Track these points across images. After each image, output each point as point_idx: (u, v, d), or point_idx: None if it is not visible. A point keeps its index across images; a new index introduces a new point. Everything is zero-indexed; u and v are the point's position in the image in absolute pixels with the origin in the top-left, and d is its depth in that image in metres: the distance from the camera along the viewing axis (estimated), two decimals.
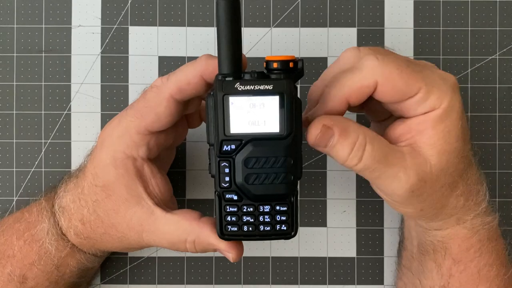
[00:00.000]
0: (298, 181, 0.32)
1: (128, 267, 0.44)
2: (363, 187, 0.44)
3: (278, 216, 0.32)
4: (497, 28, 0.45)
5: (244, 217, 0.32)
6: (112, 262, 0.44)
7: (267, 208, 0.32)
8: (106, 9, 0.44)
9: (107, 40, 0.44)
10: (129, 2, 0.45)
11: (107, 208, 0.35)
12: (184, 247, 0.35)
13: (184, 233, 0.34)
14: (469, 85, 0.45)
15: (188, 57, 0.44)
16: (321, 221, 0.44)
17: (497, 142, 0.45)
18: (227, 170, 0.31)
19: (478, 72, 0.45)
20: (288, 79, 0.31)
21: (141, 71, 0.44)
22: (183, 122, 0.38)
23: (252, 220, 0.32)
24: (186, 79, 0.33)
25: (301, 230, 0.44)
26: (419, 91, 0.32)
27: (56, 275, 0.38)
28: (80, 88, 0.44)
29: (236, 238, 0.33)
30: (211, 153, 0.32)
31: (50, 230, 0.37)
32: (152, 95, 0.34)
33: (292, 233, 0.33)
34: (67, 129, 0.44)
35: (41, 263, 0.37)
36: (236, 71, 0.31)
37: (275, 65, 0.31)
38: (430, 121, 0.33)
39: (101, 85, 0.44)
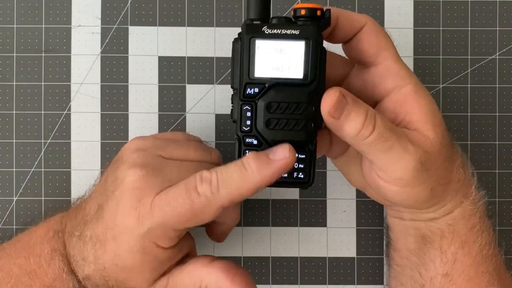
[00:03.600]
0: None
1: None
2: None
3: (296, 163, 0.32)
4: (497, 28, 0.45)
5: None
6: None
7: None
8: (106, 9, 0.44)
9: (107, 40, 0.44)
10: (129, 2, 0.45)
11: (130, 285, 0.34)
12: None
13: (197, 280, 0.34)
14: (469, 85, 0.45)
15: (188, 57, 0.44)
16: (321, 221, 0.44)
17: (497, 142, 0.45)
18: (248, 114, 0.32)
19: (478, 72, 0.45)
20: (315, 26, 0.31)
21: (141, 71, 0.44)
22: None
23: None
24: (239, 193, 0.32)
25: (301, 230, 0.44)
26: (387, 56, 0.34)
27: None
28: (80, 88, 0.44)
29: None
30: (234, 97, 0.33)
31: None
32: (201, 205, 0.32)
33: (310, 182, 0.33)
34: (67, 129, 0.44)
35: None
36: (264, 16, 0.31)
37: (302, 12, 0.31)
38: (410, 96, 0.34)
39: (101, 85, 0.44)
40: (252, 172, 0.31)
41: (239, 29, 0.33)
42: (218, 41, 0.44)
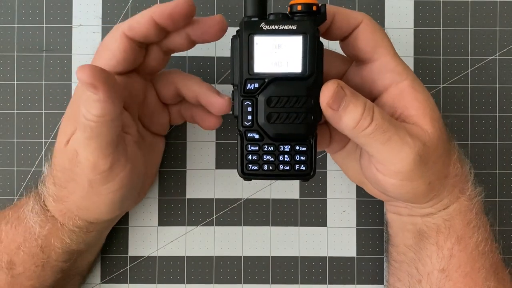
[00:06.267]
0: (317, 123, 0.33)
1: (128, 266, 0.44)
2: None
3: (298, 156, 0.33)
4: (497, 28, 0.45)
5: (264, 156, 0.33)
6: (112, 261, 0.44)
7: (287, 148, 0.33)
8: (107, 8, 0.45)
9: None
10: (130, 1, 0.45)
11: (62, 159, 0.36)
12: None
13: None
14: (469, 85, 0.45)
15: (188, 57, 0.44)
16: (321, 221, 0.44)
17: (497, 142, 0.45)
18: (249, 109, 0.33)
19: (478, 72, 0.45)
20: (311, 21, 0.32)
21: None
22: (163, 113, 0.40)
23: (272, 159, 0.33)
24: (137, 19, 0.34)
25: (301, 230, 0.44)
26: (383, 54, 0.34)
27: (42, 257, 0.37)
28: None
29: (256, 177, 0.34)
30: (235, 93, 0.33)
31: (34, 207, 0.37)
32: (107, 36, 0.35)
33: (311, 173, 0.34)
34: None
35: (26, 245, 0.37)
36: (262, 13, 0.32)
37: (299, 7, 0.32)
38: (408, 91, 0.34)
39: None
40: (153, 5, 0.34)
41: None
42: (218, 41, 0.44)
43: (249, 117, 0.33)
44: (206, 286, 0.44)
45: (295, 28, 0.32)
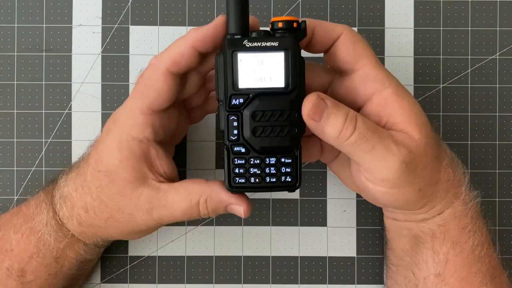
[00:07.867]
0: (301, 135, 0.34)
1: (129, 266, 0.44)
2: None
3: (283, 168, 0.34)
4: (497, 28, 0.45)
5: (251, 169, 0.34)
6: (112, 261, 0.44)
7: (273, 160, 0.34)
8: (107, 8, 0.45)
9: (108, 40, 0.44)
10: (130, 1, 0.45)
11: (111, 193, 0.35)
12: (197, 211, 0.35)
13: (195, 195, 0.35)
14: (469, 85, 0.45)
15: None
16: (321, 221, 0.44)
17: (497, 142, 0.45)
18: (235, 124, 0.33)
19: (478, 72, 0.45)
20: (292, 37, 0.33)
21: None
22: (184, 116, 0.39)
23: (259, 172, 0.34)
24: (179, 52, 0.34)
25: (301, 230, 0.44)
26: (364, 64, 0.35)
27: (55, 267, 0.38)
28: (80, 87, 0.44)
29: (243, 190, 0.34)
30: (220, 109, 0.34)
31: (49, 221, 0.37)
32: (149, 73, 0.35)
33: (297, 184, 0.34)
34: (67, 129, 0.44)
35: (40, 255, 0.37)
36: (244, 31, 0.33)
37: (280, 24, 0.33)
38: (391, 98, 0.34)
39: (102, 84, 0.45)
40: (190, 33, 0.34)
41: None
42: None
43: (235, 132, 0.33)
44: (206, 286, 0.44)
45: (277, 44, 0.32)
